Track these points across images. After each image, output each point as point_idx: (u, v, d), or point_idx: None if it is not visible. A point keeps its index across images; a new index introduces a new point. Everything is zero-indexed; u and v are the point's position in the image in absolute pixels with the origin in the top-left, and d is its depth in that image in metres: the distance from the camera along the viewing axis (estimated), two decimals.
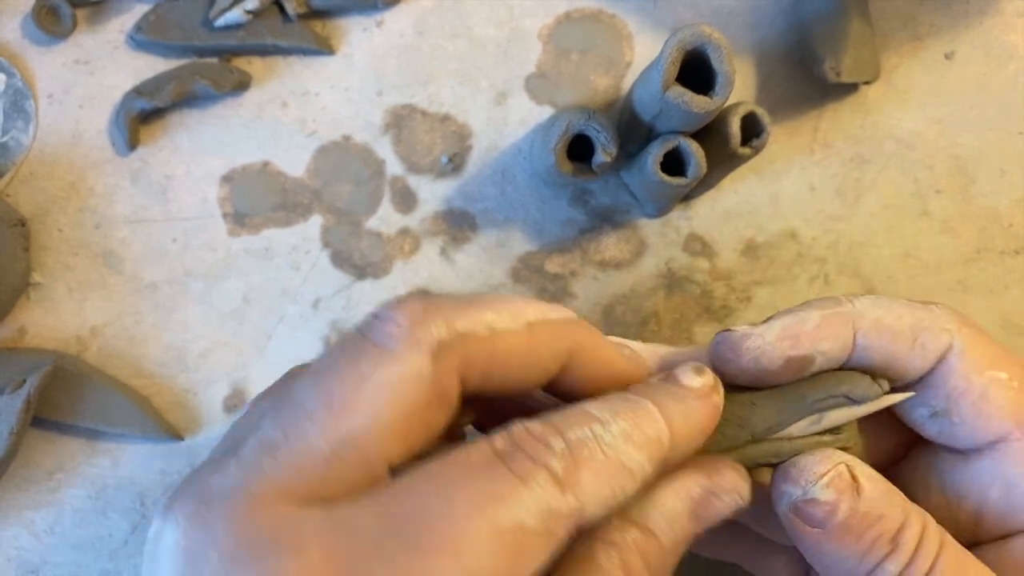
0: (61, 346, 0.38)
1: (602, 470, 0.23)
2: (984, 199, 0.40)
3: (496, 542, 0.21)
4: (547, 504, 0.21)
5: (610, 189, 0.39)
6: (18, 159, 0.38)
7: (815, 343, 0.27)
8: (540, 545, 0.21)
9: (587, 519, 0.22)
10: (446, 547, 0.20)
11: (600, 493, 0.22)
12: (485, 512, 0.21)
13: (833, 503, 0.25)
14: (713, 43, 0.31)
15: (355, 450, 0.22)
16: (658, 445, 0.24)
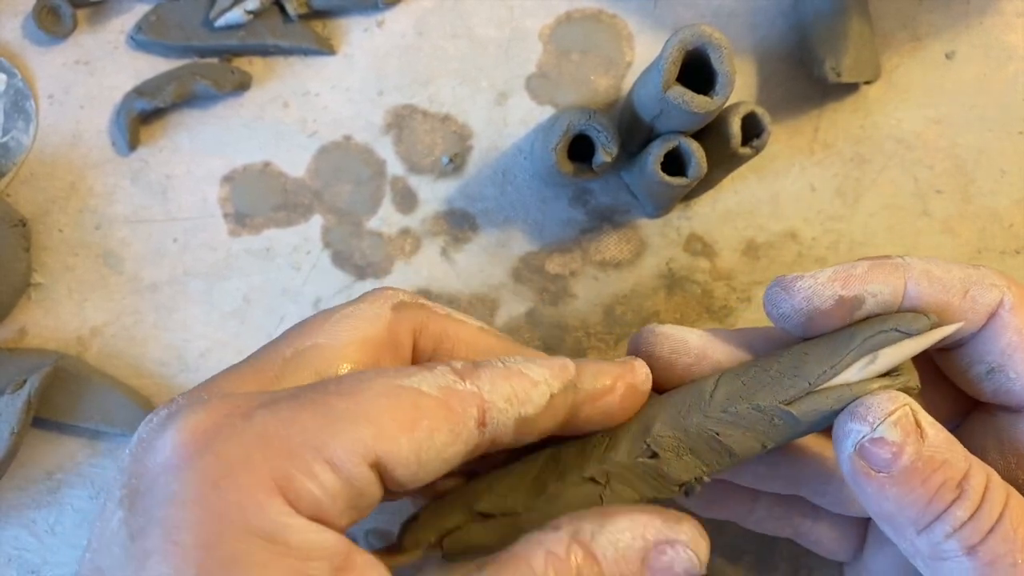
0: (62, 346, 0.38)
1: (501, 373, 0.26)
2: (984, 199, 0.40)
3: (393, 394, 0.24)
4: (446, 382, 0.25)
5: (610, 189, 0.39)
6: (19, 159, 0.38)
7: (865, 284, 0.27)
8: (436, 409, 0.24)
9: (491, 409, 0.25)
10: (346, 391, 0.24)
11: (500, 387, 0.25)
12: (387, 376, 0.24)
13: (900, 444, 0.25)
14: (713, 43, 0.31)
15: (309, 358, 0.27)
16: (563, 367, 0.27)
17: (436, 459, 0.24)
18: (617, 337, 0.39)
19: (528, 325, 0.39)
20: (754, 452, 0.28)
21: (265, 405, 0.24)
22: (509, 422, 0.25)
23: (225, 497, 0.22)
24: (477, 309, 0.39)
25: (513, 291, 0.39)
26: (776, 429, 0.28)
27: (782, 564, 0.39)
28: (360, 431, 0.23)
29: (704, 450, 0.29)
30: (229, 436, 0.23)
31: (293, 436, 0.23)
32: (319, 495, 0.23)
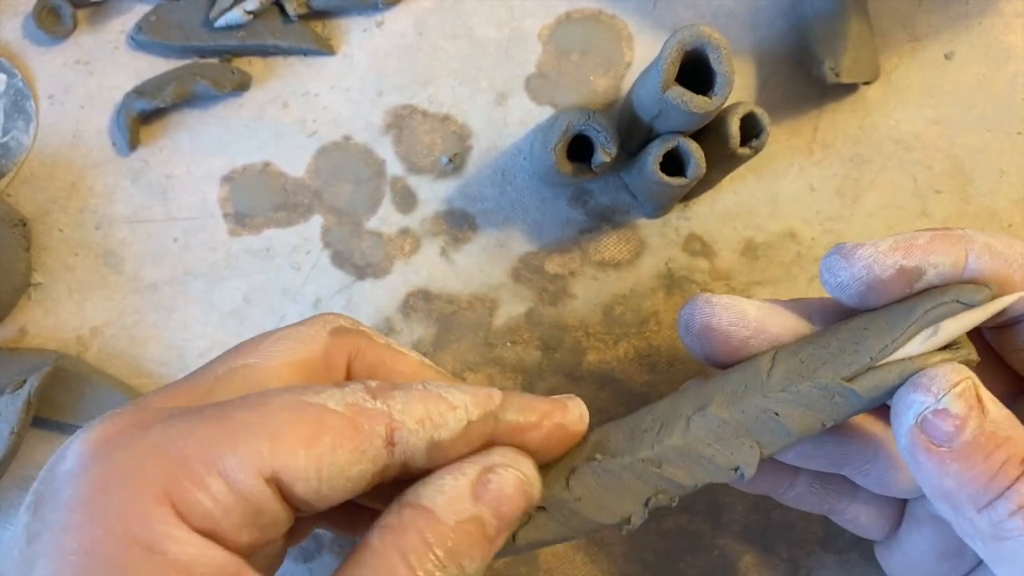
0: (62, 346, 0.38)
1: (418, 394, 0.25)
2: (983, 199, 0.40)
3: (296, 409, 0.23)
4: (355, 400, 0.24)
5: (610, 189, 0.39)
6: (19, 159, 0.39)
7: (927, 255, 0.27)
8: (341, 425, 0.23)
9: (401, 429, 0.24)
10: (249, 405, 0.24)
11: (413, 408, 0.25)
12: (293, 392, 0.24)
13: (963, 417, 0.25)
14: (712, 43, 0.31)
15: (239, 376, 0.26)
16: (487, 398, 0.26)
17: (339, 477, 0.23)
18: (616, 337, 0.39)
19: (527, 325, 0.39)
20: (813, 431, 0.28)
21: (168, 417, 0.24)
22: (421, 444, 0.25)
23: (111, 503, 0.22)
24: (477, 309, 0.39)
25: (512, 291, 0.39)
26: (837, 407, 0.28)
27: (782, 565, 0.39)
28: (256, 444, 0.22)
29: (762, 430, 0.28)
30: (126, 445, 0.23)
31: (188, 447, 0.22)
32: (210, 507, 0.22)
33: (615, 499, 0.28)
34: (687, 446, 0.28)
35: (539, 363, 0.39)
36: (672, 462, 0.28)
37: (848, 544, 0.39)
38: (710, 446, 0.28)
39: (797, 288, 0.40)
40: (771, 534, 0.39)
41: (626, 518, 0.28)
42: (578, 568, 0.39)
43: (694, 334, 0.30)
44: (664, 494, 0.28)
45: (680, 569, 0.39)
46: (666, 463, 0.28)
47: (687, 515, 0.39)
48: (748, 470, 0.28)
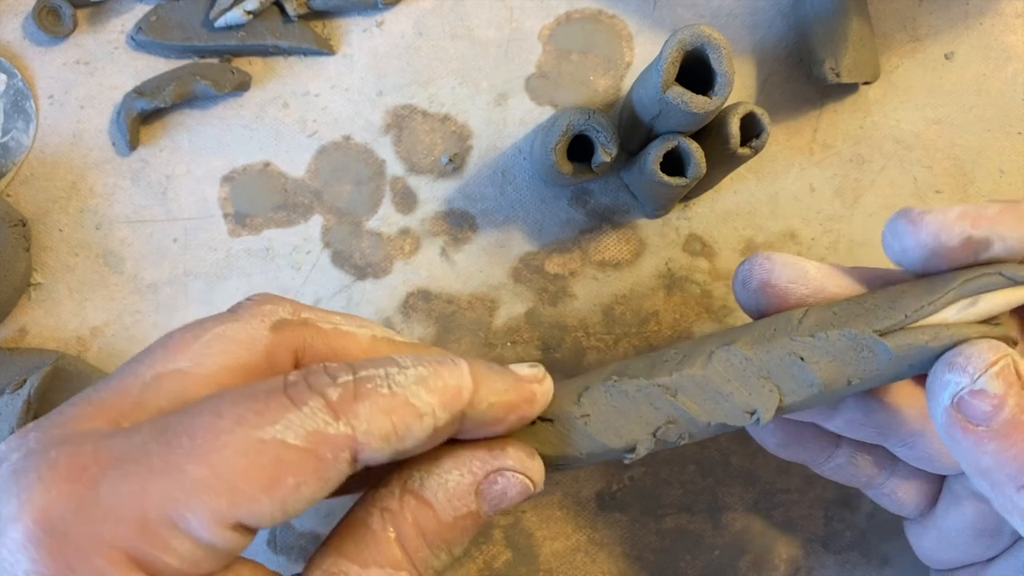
0: (62, 346, 0.38)
1: (383, 404, 0.23)
2: (983, 199, 0.40)
3: (253, 453, 0.22)
4: (315, 427, 0.22)
5: (610, 189, 0.39)
6: (19, 159, 0.39)
7: (995, 226, 0.26)
8: (302, 462, 0.22)
9: (365, 449, 0.23)
10: (200, 451, 0.22)
11: (379, 425, 0.23)
12: (247, 426, 0.22)
13: (1001, 396, 0.24)
14: (712, 43, 0.31)
15: (170, 385, 0.24)
16: (456, 394, 0.24)
17: (304, 505, 0.23)
18: (616, 337, 0.39)
19: (528, 325, 0.39)
20: (838, 387, 0.27)
21: (113, 467, 0.22)
22: (384, 457, 0.24)
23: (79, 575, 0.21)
24: (477, 309, 0.39)
25: (513, 291, 0.39)
26: (865, 362, 0.27)
27: (781, 565, 0.39)
28: (217, 501, 0.21)
29: (784, 375, 0.27)
30: (77, 514, 0.21)
31: (146, 511, 0.21)
32: (179, 566, 0.22)
33: (624, 422, 0.28)
34: (706, 378, 0.27)
35: (539, 363, 0.39)
36: (688, 393, 0.28)
37: (848, 544, 0.39)
38: (730, 382, 0.27)
39: None
40: (771, 534, 0.39)
41: (631, 446, 0.28)
42: (578, 568, 0.39)
43: (751, 290, 0.29)
44: (675, 426, 0.28)
45: (680, 569, 0.39)
46: (682, 392, 0.28)
47: (687, 515, 0.39)
48: (765, 414, 0.27)
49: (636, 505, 0.39)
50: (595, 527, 0.39)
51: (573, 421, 0.28)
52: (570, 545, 0.39)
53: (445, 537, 0.25)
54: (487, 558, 0.39)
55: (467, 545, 0.25)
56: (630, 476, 0.39)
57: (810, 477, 0.39)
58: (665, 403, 0.28)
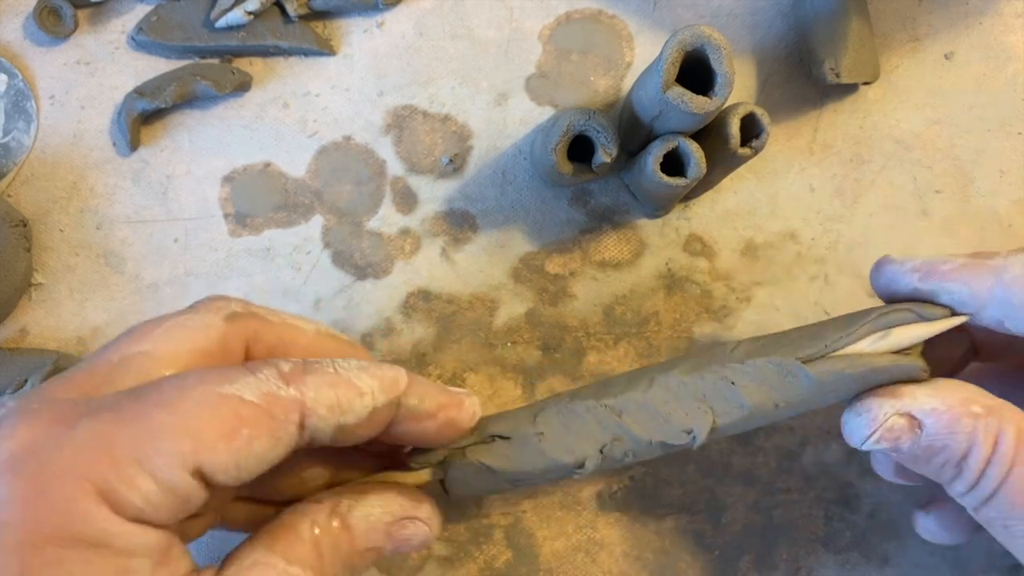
0: (62, 346, 0.38)
1: (329, 379, 0.26)
2: (983, 199, 0.40)
3: (213, 405, 0.24)
4: (269, 389, 0.25)
5: (610, 189, 0.39)
6: (20, 160, 0.39)
7: (944, 281, 0.29)
8: (257, 416, 0.25)
9: (312, 416, 0.26)
10: (167, 402, 0.24)
11: (325, 395, 0.26)
12: (209, 383, 0.25)
13: (896, 443, 0.29)
14: (713, 44, 0.31)
15: (136, 364, 0.26)
16: (393, 382, 0.28)
17: (256, 463, 0.25)
18: (616, 337, 0.39)
19: (528, 325, 0.39)
20: (767, 409, 0.30)
21: (88, 414, 0.24)
22: (328, 429, 0.26)
23: (51, 504, 0.23)
24: (477, 309, 0.39)
25: (513, 291, 0.39)
26: (790, 387, 0.30)
27: (781, 565, 0.39)
28: (180, 444, 0.24)
29: (717, 398, 0.30)
30: (54, 446, 0.24)
31: (115, 448, 0.23)
32: (142, 503, 0.24)
33: (574, 439, 0.31)
34: (647, 400, 0.31)
35: (539, 363, 0.39)
36: (632, 414, 0.31)
37: (848, 544, 0.39)
38: (668, 404, 0.31)
39: (797, 288, 0.40)
40: (771, 534, 0.39)
41: (580, 462, 0.31)
42: (578, 568, 0.39)
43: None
44: (620, 443, 0.31)
45: (680, 569, 0.39)
46: (626, 413, 0.31)
47: (687, 515, 0.39)
48: (700, 433, 0.30)
49: (636, 505, 0.39)
50: (595, 527, 0.39)
51: (529, 438, 0.31)
52: (570, 545, 0.39)
53: (353, 561, 0.28)
54: (487, 558, 0.39)
55: (363, 572, 0.28)
56: (630, 476, 0.39)
57: (810, 477, 0.39)
58: (611, 423, 0.31)
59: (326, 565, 0.28)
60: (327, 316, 0.39)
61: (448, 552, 0.39)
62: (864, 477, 0.40)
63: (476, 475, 0.31)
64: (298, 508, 0.28)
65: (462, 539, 0.39)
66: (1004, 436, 0.28)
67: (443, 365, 0.39)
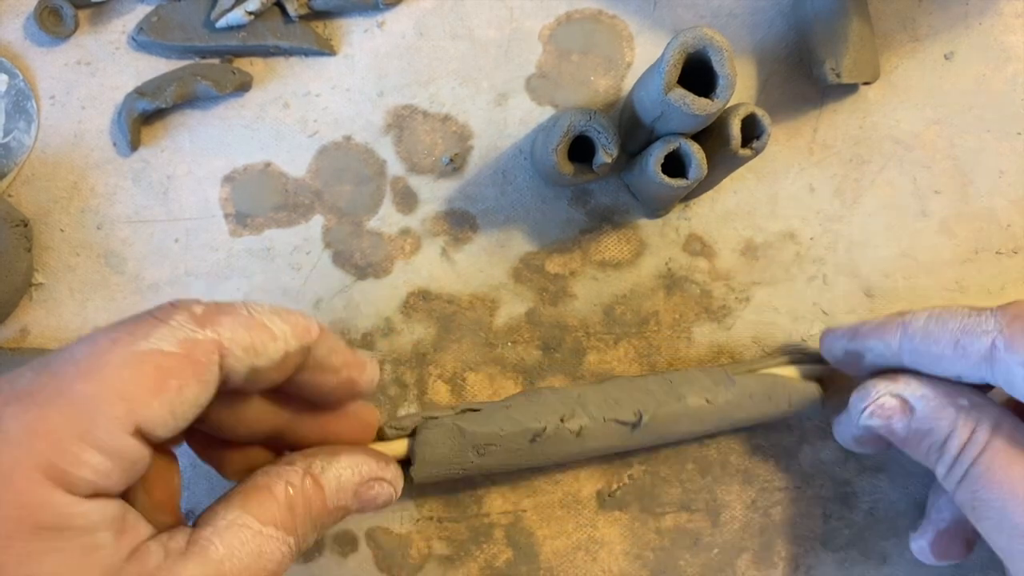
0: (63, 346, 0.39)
1: (243, 321, 0.27)
2: (982, 200, 0.40)
3: (135, 364, 0.24)
4: (185, 335, 0.25)
5: (610, 189, 0.40)
6: (20, 160, 0.39)
7: (865, 341, 0.35)
8: (181, 366, 0.25)
9: (229, 356, 0.26)
10: (87, 372, 0.24)
11: (240, 336, 0.26)
12: (123, 344, 0.25)
13: (888, 424, 0.34)
14: (715, 46, 0.31)
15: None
16: (305, 330, 0.28)
17: (191, 409, 0.26)
18: (616, 337, 0.39)
19: (528, 325, 0.39)
20: (699, 403, 0.37)
21: (10, 404, 0.24)
22: (243, 370, 0.27)
23: (6, 500, 0.23)
24: (477, 309, 0.39)
25: (513, 291, 0.39)
26: (716, 387, 0.37)
27: (780, 563, 0.39)
28: (115, 409, 0.24)
29: (661, 392, 0.37)
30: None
31: (52, 431, 0.23)
32: (93, 478, 0.24)
33: (538, 410, 0.36)
34: (603, 389, 0.37)
35: (539, 363, 0.39)
36: (588, 398, 0.36)
37: (847, 542, 0.40)
38: (620, 392, 0.37)
39: (796, 288, 0.40)
40: (770, 532, 0.39)
41: (543, 428, 0.35)
42: (578, 566, 0.39)
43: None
44: (577, 418, 0.36)
45: (680, 567, 0.39)
46: (584, 396, 0.36)
47: (686, 513, 0.39)
48: (646, 414, 0.36)
49: (636, 504, 0.39)
50: (595, 526, 0.39)
51: (497, 409, 0.36)
52: (570, 544, 0.39)
53: (323, 520, 0.30)
54: (488, 557, 0.39)
55: (328, 530, 0.30)
56: (630, 475, 0.39)
57: (807, 475, 0.40)
58: (572, 401, 0.36)
59: (298, 524, 0.28)
60: (327, 316, 0.39)
61: (449, 551, 0.39)
62: (862, 476, 0.40)
63: (446, 437, 0.35)
64: (271, 470, 0.29)
65: (463, 538, 0.39)
66: (980, 426, 0.32)
67: (443, 365, 0.39)
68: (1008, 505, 0.30)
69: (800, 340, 0.40)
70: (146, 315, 0.26)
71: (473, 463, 0.35)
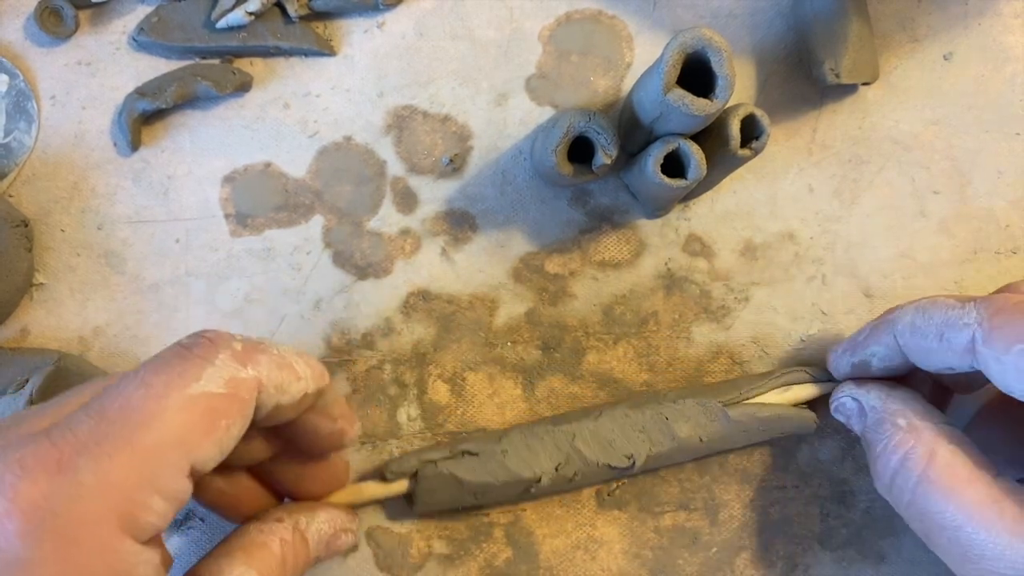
0: (64, 346, 0.39)
1: (276, 360, 0.28)
2: (981, 200, 0.40)
3: (190, 408, 0.26)
4: (231, 374, 0.27)
5: (610, 189, 0.40)
6: (21, 160, 0.39)
7: (866, 348, 0.35)
8: (229, 406, 0.26)
9: (265, 392, 0.28)
10: (149, 422, 0.25)
11: (274, 375, 0.28)
12: (177, 388, 0.26)
13: (848, 423, 0.36)
14: (714, 46, 0.32)
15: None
16: (321, 374, 0.30)
17: (233, 442, 0.27)
18: (616, 337, 0.39)
19: (528, 325, 0.39)
20: (692, 442, 0.37)
21: (81, 452, 0.24)
22: (269, 406, 0.28)
23: (87, 552, 0.24)
24: (477, 309, 0.39)
25: (513, 291, 0.39)
26: (711, 424, 0.37)
27: (779, 562, 0.40)
28: (175, 455, 0.25)
29: (653, 429, 0.37)
30: (67, 497, 0.24)
31: (124, 481, 0.24)
32: (157, 522, 0.25)
33: (533, 457, 0.36)
34: (596, 428, 0.37)
35: (539, 363, 0.39)
36: (583, 439, 0.37)
37: (845, 541, 0.40)
38: (613, 432, 0.37)
39: (795, 288, 0.40)
40: (768, 531, 0.40)
41: (538, 477, 0.36)
42: (578, 565, 0.39)
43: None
44: (571, 464, 0.37)
45: (678, 566, 0.39)
46: (578, 438, 0.37)
47: (685, 512, 0.39)
48: (638, 459, 0.37)
49: (634, 503, 0.39)
50: (595, 525, 0.39)
51: (494, 454, 0.36)
52: (570, 543, 0.39)
53: (303, 569, 0.32)
54: (488, 556, 0.39)
55: None
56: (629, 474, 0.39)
57: (805, 475, 0.40)
58: (565, 445, 0.37)
59: (288, 574, 0.31)
60: (327, 316, 0.39)
61: (449, 550, 0.39)
62: (859, 475, 0.40)
63: (444, 485, 0.36)
64: (264, 527, 0.31)
65: (462, 537, 0.39)
66: (913, 452, 0.32)
67: (443, 365, 0.39)
68: (932, 537, 0.31)
69: (799, 340, 0.40)
70: (189, 353, 0.27)
71: (471, 503, 0.37)
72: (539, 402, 0.39)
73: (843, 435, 0.40)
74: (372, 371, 0.39)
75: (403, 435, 0.39)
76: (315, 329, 0.39)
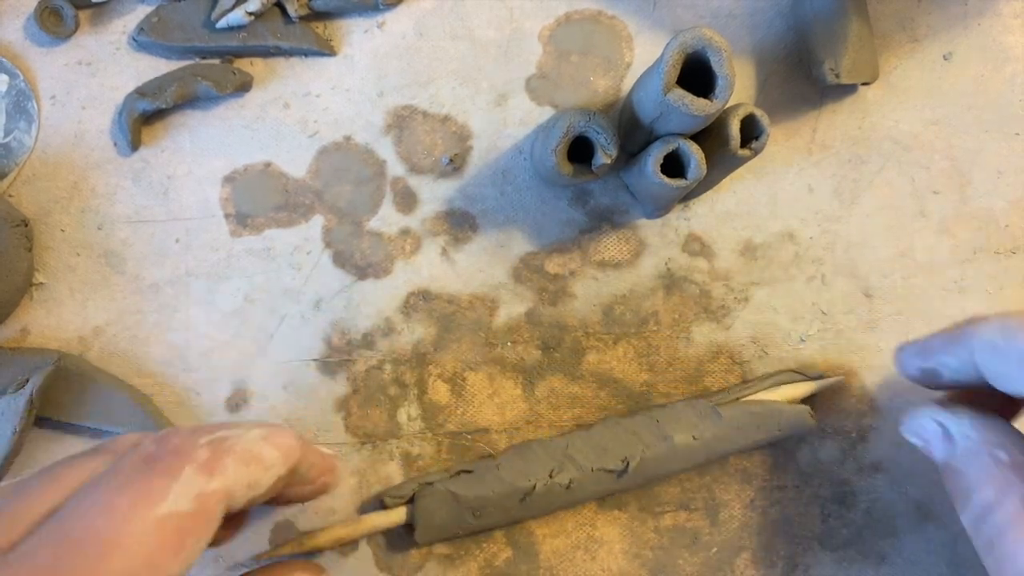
0: (63, 346, 0.39)
1: (242, 458, 0.28)
2: (981, 200, 0.40)
3: (159, 532, 0.25)
4: (198, 490, 0.26)
5: (610, 189, 0.40)
6: (21, 160, 0.39)
7: (939, 357, 0.32)
8: (197, 523, 0.26)
9: (232, 497, 0.27)
10: (116, 548, 0.24)
11: (242, 476, 0.27)
12: (142, 509, 0.25)
13: (925, 448, 0.33)
14: (714, 46, 0.32)
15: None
16: (291, 451, 0.29)
17: (198, 555, 0.26)
18: (616, 337, 0.39)
19: (528, 325, 0.39)
20: (686, 442, 0.37)
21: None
22: (241, 503, 0.28)
23: None
24: (477, 309, 0.39)
25: (513, 291, 0.39)
26: (703, 423, 0.37)
27: (779, 562, 0.40)
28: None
29: (647, 433, 0.37)
30: None
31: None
32: None
33: (527, 467, 0.37)
34: (589, 436, 0.38)
35: (539, 363, 0.39)
36: (576, 447, 0.37)
37: (846, 541, 0.40)
38: (606, 438, 0.37)
39: (795, 288, 0.40)
40: (768, 531, 0.40)
41: (533, 485, 0.37)
42: (578, 565, 0.39)
43: None
44: (566, 471, 0.37)
45: (679, 566, 0.39)
46: (572, 447, 0.37)
47: (685, 513, 0.39)
48: (632, 461, 0.37)
49: (635, 503, 0.39)
50: (595, 525, 0.39)
51: (489, 469, 0.37)
52: (570, 543, 0.39)
53: None
54: (488, 556, 0.39)
55: None
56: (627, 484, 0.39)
57: (805, 475, 0.40)
58: (559, 453, 0.37)
59: None
60: (327, 316, 0.39)
61: (449, 550, 0.39)
62: (859, 475, 0.40)
63: (442, 503, 0.36)
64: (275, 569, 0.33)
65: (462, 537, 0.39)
66: (1009, 493, 0.28)
67: (443, 365, 0.39)
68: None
69: (799, 340, 0.40)
70: (153, 471, 0.26)
71: (471, 524, 0.37)
72: (539, 402, 0.39)
73: (843, 435, 0.40)
74: (372, 371, 0.39)
75: (403, 435, 0.39)
76: (315, 329, 0.39)
